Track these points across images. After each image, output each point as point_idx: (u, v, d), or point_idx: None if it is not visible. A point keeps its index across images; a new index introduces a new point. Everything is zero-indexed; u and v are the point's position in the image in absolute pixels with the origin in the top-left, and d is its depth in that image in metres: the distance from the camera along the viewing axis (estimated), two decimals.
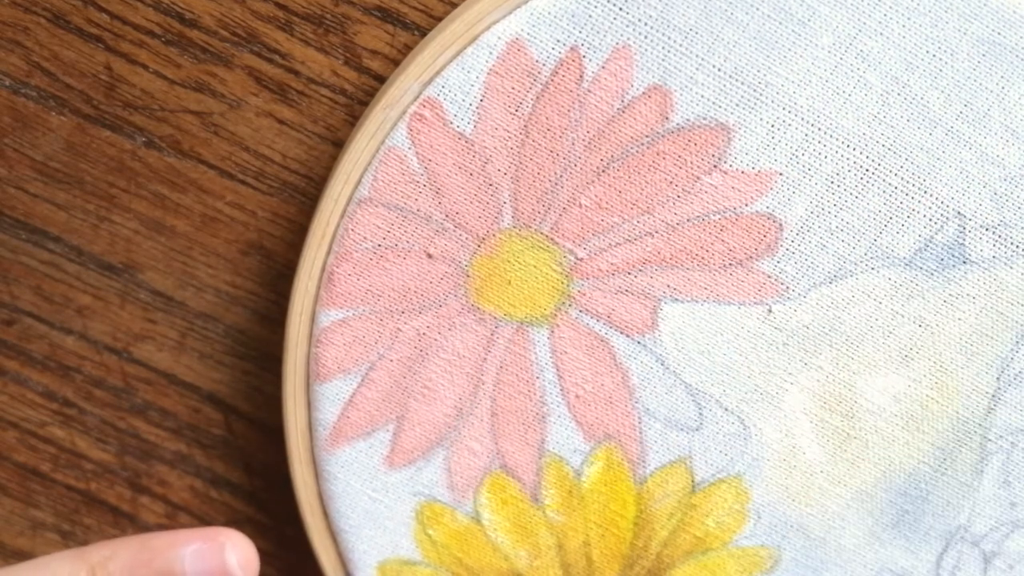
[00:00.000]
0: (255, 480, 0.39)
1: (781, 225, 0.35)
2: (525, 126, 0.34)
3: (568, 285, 0.36)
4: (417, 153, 0.34)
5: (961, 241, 0.35)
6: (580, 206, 0.35)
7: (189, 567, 0.36)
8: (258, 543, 0.43)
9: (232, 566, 0.37)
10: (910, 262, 0.35)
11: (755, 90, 0.34)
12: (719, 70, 0.34)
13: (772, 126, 0.34)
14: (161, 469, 0.42)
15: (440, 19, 0.35)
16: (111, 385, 0.41)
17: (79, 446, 0.42)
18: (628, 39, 0.33)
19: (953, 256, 0.35)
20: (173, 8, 0.37)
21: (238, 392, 0.39)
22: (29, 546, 0.43)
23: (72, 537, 0.43)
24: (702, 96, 0.34)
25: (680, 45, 0.33)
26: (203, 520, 0.43)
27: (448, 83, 0.34)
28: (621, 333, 0.36)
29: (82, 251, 0.40)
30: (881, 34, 0.33)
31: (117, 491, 0.42)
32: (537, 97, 0.34)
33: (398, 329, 0.36)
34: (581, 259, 0.35)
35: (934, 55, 0.33)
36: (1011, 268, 0.35)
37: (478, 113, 0.34)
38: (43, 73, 0.38)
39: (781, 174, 0.34)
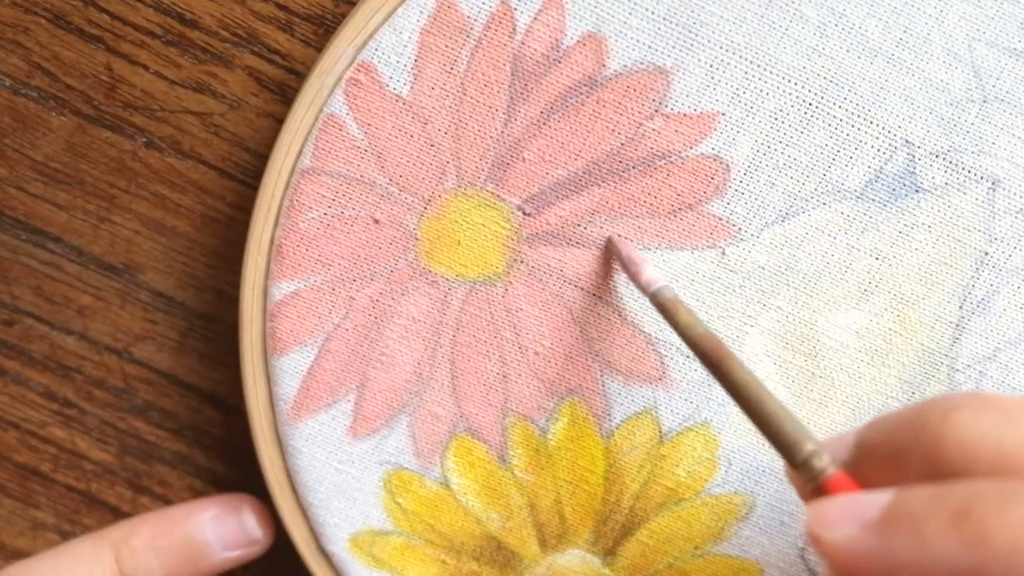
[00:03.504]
0: (255, 480, 0.39)
1: (728, 166, 0.34)
2: (462, 84, 0.34)
3: (518, 241, 0.35)
4: (356, 118, 0.34)
5: (912, 170, 0.34)
6: (524, 160, 0.34)
7: (210, 532, 0.38)
8: None
9: (251, 527, 0.38)
10: (862, 194, 0.35)
11: (690, 31, 0.33)
12: (652, 13, 0.33)
13: (711, 66, 0.34)
14: (161, 469, 0.42)
15: None
16: (111, 385, 0.41)
17: (79, 446, 0.42)
18: None
19: (905, 185, 0.34)
20: (173, 8, 0.37)
21: (238, 392, 0.39)
22: (29, 546, 0.43)
23: (72, 537, 0.43)
24: (637, 41, 0.33)
25: None
26: None
27: (381, 46, 0.34)
28: (575, 286, 0.35)
29: (83, 251, 0.39)
30: None
31: (117, 491, 0.42)
32: (471, 54, 0.34)
33: (351, 297, 0.36)
34: (529, 214, 0.35)
35: None
36: (964, 194, 0.34)
37: (413, 74, 0.34)
38: (44, 74, 0.38)
39: (724, 114, 0.34)
